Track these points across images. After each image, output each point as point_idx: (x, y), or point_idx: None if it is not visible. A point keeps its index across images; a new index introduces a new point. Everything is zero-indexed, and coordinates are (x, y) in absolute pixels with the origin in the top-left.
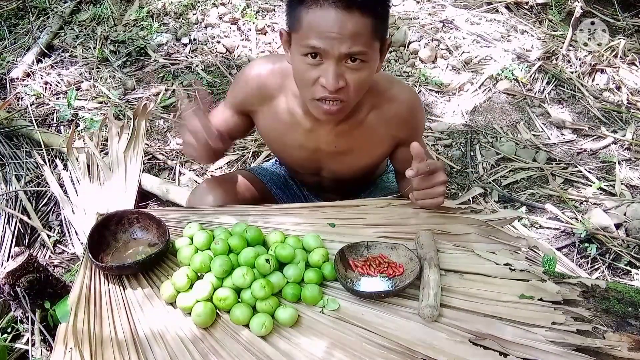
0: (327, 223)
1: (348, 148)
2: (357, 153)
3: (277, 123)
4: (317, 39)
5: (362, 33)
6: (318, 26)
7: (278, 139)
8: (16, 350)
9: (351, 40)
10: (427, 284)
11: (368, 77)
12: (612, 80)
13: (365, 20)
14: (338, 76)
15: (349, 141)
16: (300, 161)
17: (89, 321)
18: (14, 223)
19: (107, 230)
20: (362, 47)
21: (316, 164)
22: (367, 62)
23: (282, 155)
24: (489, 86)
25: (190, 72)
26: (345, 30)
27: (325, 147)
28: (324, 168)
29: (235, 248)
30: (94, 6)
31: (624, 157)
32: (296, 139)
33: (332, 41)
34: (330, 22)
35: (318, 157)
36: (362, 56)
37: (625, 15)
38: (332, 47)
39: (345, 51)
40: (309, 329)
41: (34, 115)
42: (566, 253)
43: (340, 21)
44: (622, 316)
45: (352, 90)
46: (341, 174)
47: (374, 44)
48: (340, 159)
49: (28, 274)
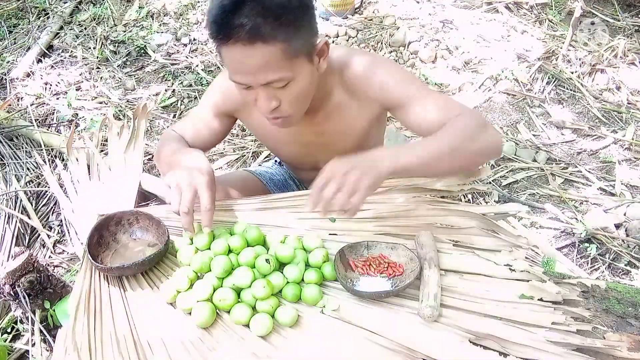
0: (327, 218)
1: (333, 133)
2: (343, 135)
3: (262, 123)
4: (237, 75)
5: (273, 60)
6: (232, 64)
7: (268, 137)
8: (16, 350)
9: (264, 71)
10: (427, 284)
11: (302, 89)
12: (612, 80)
13: (272, 48)
14: (269, 99)
15: (331, 126)
16: (295, 156)
17: (89, 323)
18: (14, 223)
19: (107, 231)
20: (279, 74)
21: (310, 156)
22: (293, 80)
23: (277, 152)
24: (489, 86)
25: (190, 72)
26: (254, 63)
27: (312, 138)
28: (319, 159)
29: (235, 248)
30: (94, 6)
31: (624, 157)
32: (285, 136)
33: (248, 75)
34: (238, 59)
35: (310, 150)
36: (281, 82)
37: (625, 15)
38: (252, 81)
39: (263, 81)
40: (309, 329)
41: (34, 115)
42: (566, 253)
43: (247, 57)
44: (622, 316)
45: (289, 106)
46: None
47: (295, 62)
48: (330, 147)
49: (28, 274)
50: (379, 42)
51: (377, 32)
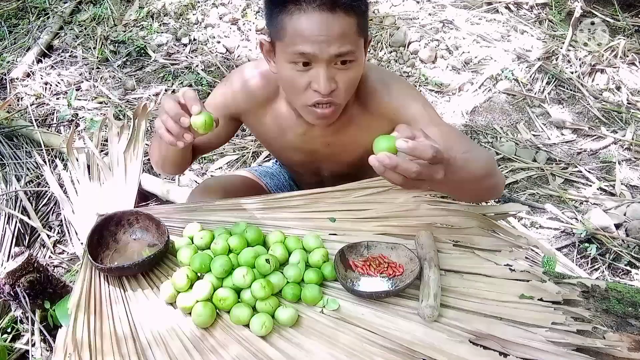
0: (327, 218)
1: (342, 145)
2: (352, 148)
3: (270, 127)
4: (305, 44)
5: (349, 32)
6: (304, 31)
7: (274, 142)
8: (16, 350)
9: (339, 41)
10: (427, 284)
11: (357, 75)
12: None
13: (350, 19)
14: (330, 79)
15: (342, 139)
16: (298, 162)
17: (89, 324)
18: (14, 223)
19: (107, 231)
20: (350, 47)
21: (314, 164)
22: (355, 61)
23: (280, 157)
24: (489, 86)
25: (190, 72)
26: (332, 32)
27: (320, 147)
28: (322, 167)
29: (235, 248)
30: (94, 6)
31: (624, 157)
32: (291, 142)
33: (321, 45)
34: (316, 25)
35: (315, 158)
36: (350, 56)
37: (625, 15)
38: (322, 51)
39: (335, 52)
40: (309, 329)
41: (34, 115)
42: (566, 253)
43: (327, 24)
44: (622, 316)
45: (343, 91)
46: (340, 171)
47: (360, 41)
48: (336, 158)
49: (28, 274)
50: (379, 42)
51: (377, 32)
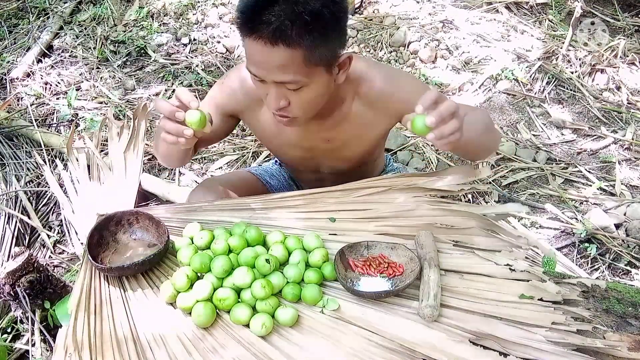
0: (327, 218)
1: (341, 141)
2: (352, 144)
3: (268, 124)
4: (253, 66)
5: (291, 64)
6: (251, 56)
7: (273, 139)
8: (16, 350)
9: (280, 71)
10: (427, 284)
11: (313, 96)
12: (612, 80)
13: (293, 52)
14: (278, 98)
15: (340, 134)
16: (297, 159)
17: (89, 324)
18: (14, 223)
19: (107, 231)
20: (293, 77)
21: (313, 161)
22: (306, 85)
23: (279, 154)
24: (489, 86)
25: (190, 72)
26: (271, 63)
27: (319, 143)
28: (322, 164)
29: (235, 248)
30: (94, 6)
31: (624, 157)
32: (289, 139)
33: (263, 71)
34: (257, 54)
35: (314, 154)
36: (293, 85)
37: (625, 15)
38: (265, 77)
39: (277, 80)
40: (309, 329)
41: (34, 115)
42: (566, 253)
43: (267, 54)
44: (622, 316)
45: (297, 109)
46: (340, 167)
47: (313, 70)
48: (336, 154)
49: (28, 274)
50: (379, 42)
51: (377, 32)
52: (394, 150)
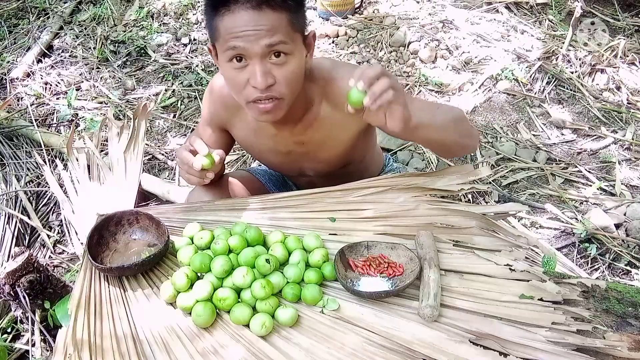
0: (327, 218)
1: (314, 144)
2: (326, 145)
3: (247, 132)
4: (236, 40)
5: (278, 25)
6: (234, 28)
7: (252, 147)
8: (16, 350)
9: (268, 34)
10: (427, 284)
11: (296, 70)
12: (612, 80)
13: (279, 14)
14: (265, 74)
15: (314, 136)
16: (279, 164)
17: (89, 324)
18: (14, 223)
19: (107, 231)
20: (282, 37)
21: (295, 164)
22: (290, 54)
23: (262, 160)
24: (489, 86)
25: (190, 72)
26: (259, 26)
27: (295, 147)
28: (304, 167)
29: (235, 248)
30: (94, 6)
31: (624, 157)
32: (266, 145)
33: (250, 38)
34: (243, 22)
35: (293, 159)
36: (283, 47)
37: (625, 15)
38: (252, 44)
39: (266, 43)
40: (309, 329)
41: (34, 115)
42: (566, 253)
43: (253, 19)
44: (622, 316)
45: (283, 86)
46: (324, 169)
47: (294, 35)
48: (314, 156)
49: (28, 274)
50: (378, 42)
51: (377, 32)
52: (394, 150)
